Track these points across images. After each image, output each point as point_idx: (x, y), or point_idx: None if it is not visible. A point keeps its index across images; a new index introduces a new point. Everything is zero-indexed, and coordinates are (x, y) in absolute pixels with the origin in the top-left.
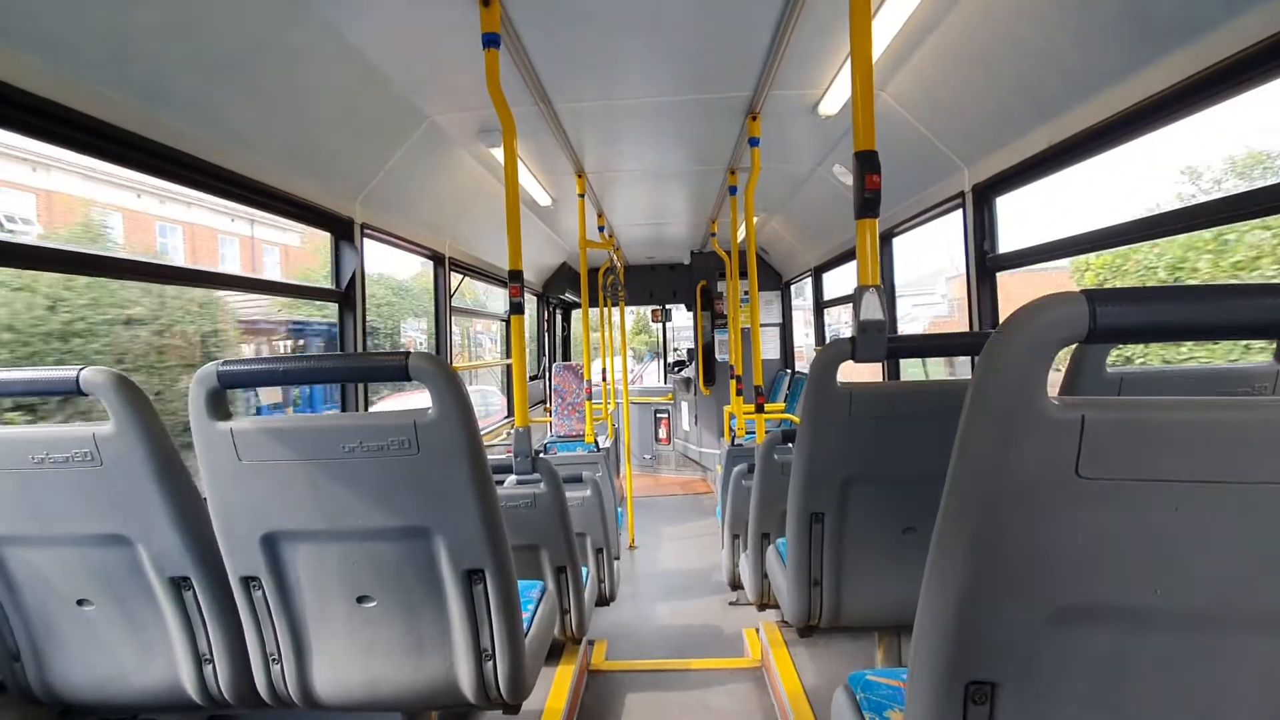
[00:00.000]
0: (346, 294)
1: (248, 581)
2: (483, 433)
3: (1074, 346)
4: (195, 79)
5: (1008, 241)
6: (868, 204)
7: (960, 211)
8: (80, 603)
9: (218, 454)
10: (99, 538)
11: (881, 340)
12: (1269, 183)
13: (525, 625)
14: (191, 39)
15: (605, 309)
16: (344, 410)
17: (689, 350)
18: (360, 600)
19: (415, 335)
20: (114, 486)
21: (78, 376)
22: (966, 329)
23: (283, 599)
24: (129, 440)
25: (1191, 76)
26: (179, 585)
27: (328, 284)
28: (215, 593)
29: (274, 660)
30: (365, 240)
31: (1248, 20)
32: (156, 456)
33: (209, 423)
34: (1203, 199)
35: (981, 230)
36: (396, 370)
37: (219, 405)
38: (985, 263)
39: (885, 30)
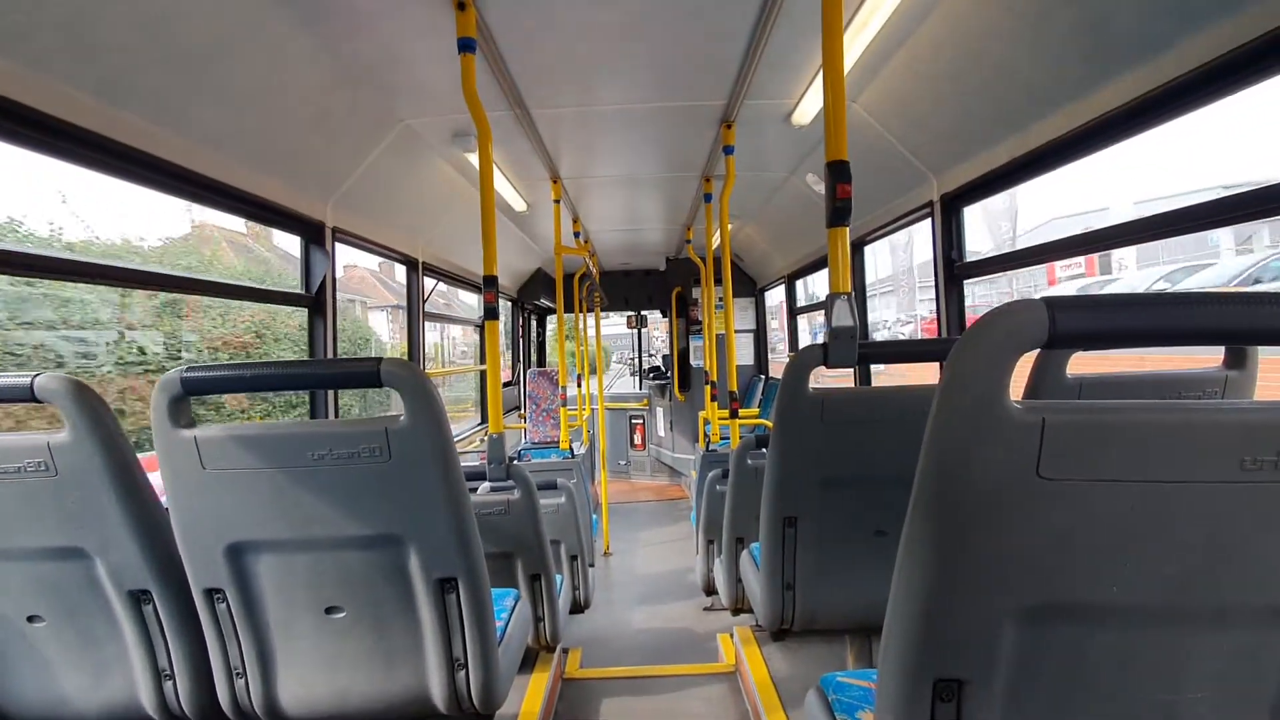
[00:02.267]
0: (317, 299)
1: (211, 594)
2: (456, 439)
3: (1037, 352)
4: (160, 76)
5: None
6: (839, 213)
7: (929, 221)
8: (31, 619)
9: (181, 462)
10: (52, 551)
11: (852, 346)
12: (1237, 192)
13: (498, 634)
14: (156, 34)
15: (581, 315)
16: (314, 417)
17: (664, 357)
18: (329, 611)
19: None
20: (69, 497)
21: (31, 383)
22: None
23: (248, 611)
24: (86, 449)
25: (1145, 94)
26: (138, 599)
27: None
28: (177, 606)
29: (238, 674)
30: (337, 244)
31: (1196, 41)
32: (115, 465)
33: (172, 430)
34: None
35: (949, 239)
36: (368, 377)
37: (183, 412)
38: (953, 271)
39: (857, 43)
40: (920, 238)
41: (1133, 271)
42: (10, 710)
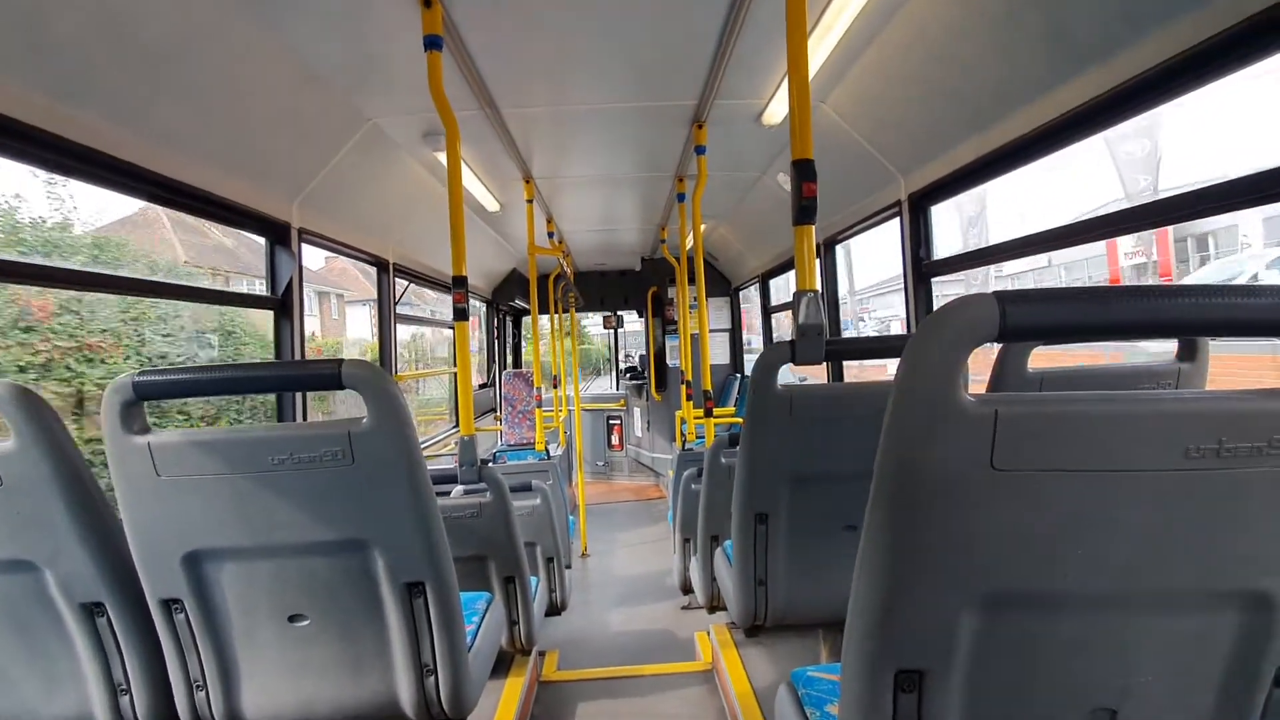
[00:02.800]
0: (283, 301)
1: (169, 604)
2: (433, 441)
3: (999, 347)
4: (117, 75)
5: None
6: (805, 211)
7: (898, 219)
8: None
9: (134, 470)
10: None
11: (820, 343)
12: (1208, 183)
13: (470, 638)
14: (113, 32)
15: (557, 316)
16: (280, 421)
17: (640, 357)
18: (292, 619)
19: None
20: (16, 508)
21: None
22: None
23: (208, 621)
24: (33, 458)
25: (1104, 93)
26: (91, 611)
27: None
28: (132, 617)
29: (198, 686)
30: (304, 245)
31: (1152, 41)
32: (64, 474)
33: (124, 437)
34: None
35: (917, 237)
36: (329, 379)
37: (135, 418)
38: (921, 268)
39: (823, 45)
40: (994, 204)
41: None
42: None
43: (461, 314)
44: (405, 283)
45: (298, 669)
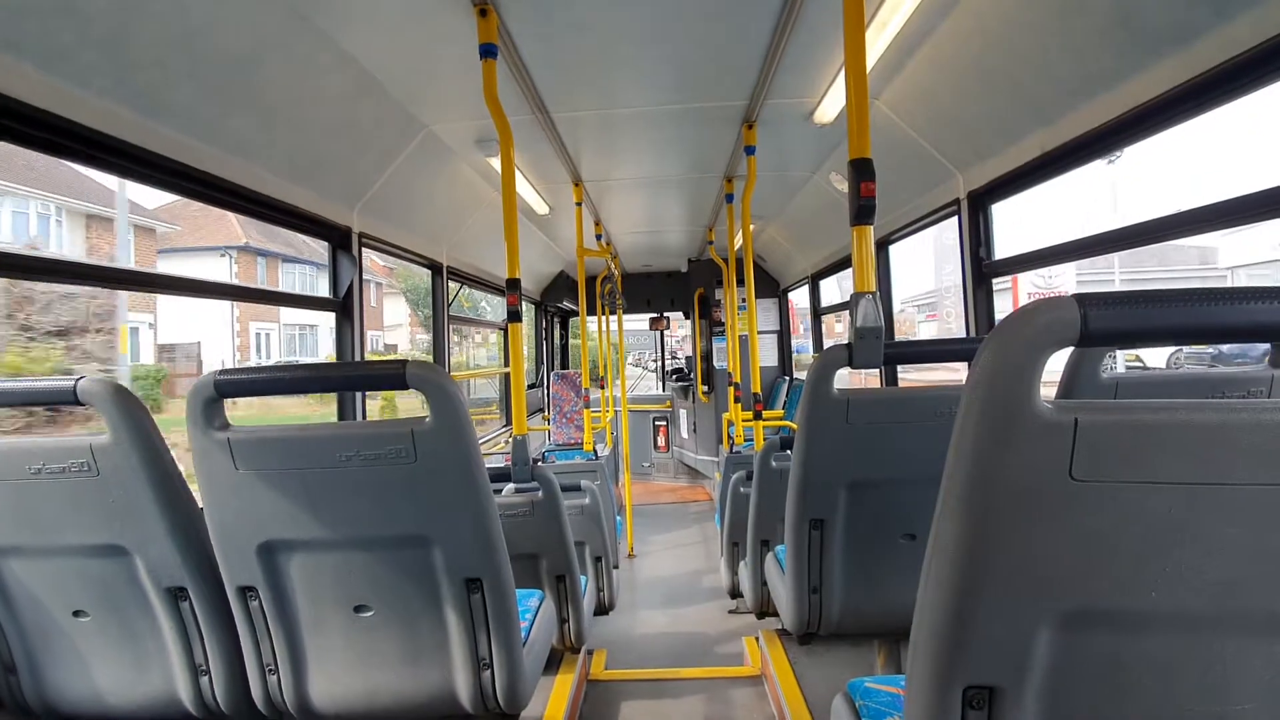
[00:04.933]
0: (344, 303)
1: (245, 591)
2: (482, 441)
3: (1069, 351)
4: (193, 90)
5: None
6: (863, 211)
7: (956, 218)
8: (76, 614)
9: (215, 463)
10: (95, 548)
11: (878, 346)
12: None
13: (523, 634)
14: (190, 50)
15: (604, 317)
16: (341, 419)
17: (687, 359)
18: (358, 610)
19: None
20: (111, 497)
21: (75, 386)
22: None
23: (280, 609)
24: (126, 450)
25: (1182, 84)
26: (176, 596)
27: None
28: (212, 603)
29: (271, 671)
30: (363, 249)
31: (1235, 27)
32: (153, 466)
33: (206, 432)
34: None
35: (977, 237)
36: (394, 379)
37: (216, 414)
38: (981, 269)
39: (879, 40)
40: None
41: None
42: (58, 702)
43: (515, 315)
44: (458, 285)
45: (362, 658)
